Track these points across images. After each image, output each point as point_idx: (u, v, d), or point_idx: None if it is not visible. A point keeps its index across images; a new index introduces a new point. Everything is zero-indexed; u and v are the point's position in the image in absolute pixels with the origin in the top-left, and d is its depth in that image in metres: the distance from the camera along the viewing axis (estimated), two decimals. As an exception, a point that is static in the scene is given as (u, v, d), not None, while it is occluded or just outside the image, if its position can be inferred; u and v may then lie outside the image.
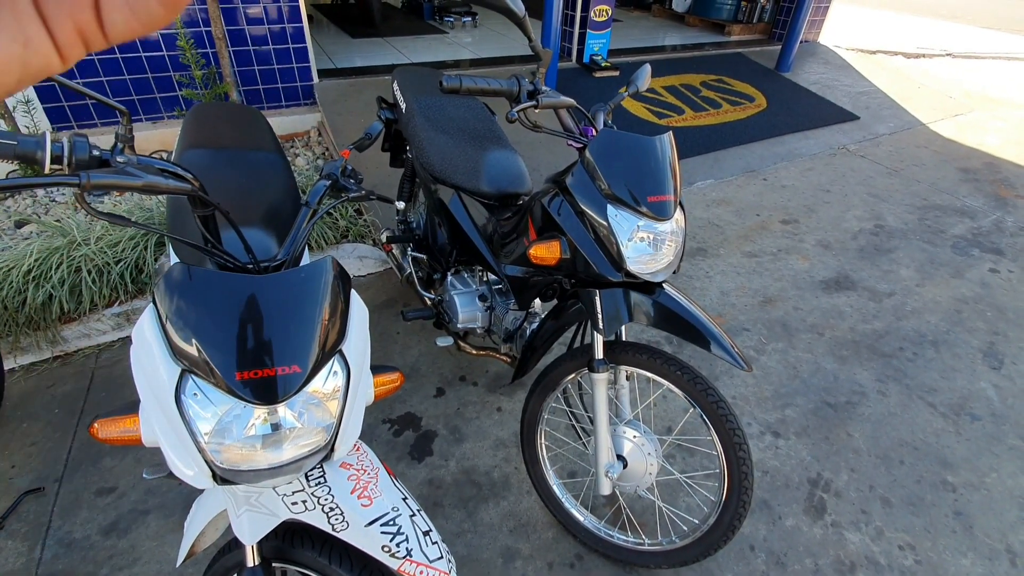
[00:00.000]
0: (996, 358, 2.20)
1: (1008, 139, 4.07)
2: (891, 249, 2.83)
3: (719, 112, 4.12)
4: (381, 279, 2.55)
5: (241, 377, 0.74)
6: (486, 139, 1.78)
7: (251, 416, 0.79)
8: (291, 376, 0.77)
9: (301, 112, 3.63)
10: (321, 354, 0.81)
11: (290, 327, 0.78)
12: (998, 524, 1.61)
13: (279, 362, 0.76)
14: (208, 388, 0.76)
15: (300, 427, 0.83)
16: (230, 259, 0.87)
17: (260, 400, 0.76)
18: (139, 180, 0.68)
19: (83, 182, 0.62)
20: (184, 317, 0.75)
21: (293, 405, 0.79)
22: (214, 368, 0.74)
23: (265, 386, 0.75)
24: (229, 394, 0.75)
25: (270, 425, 0.82)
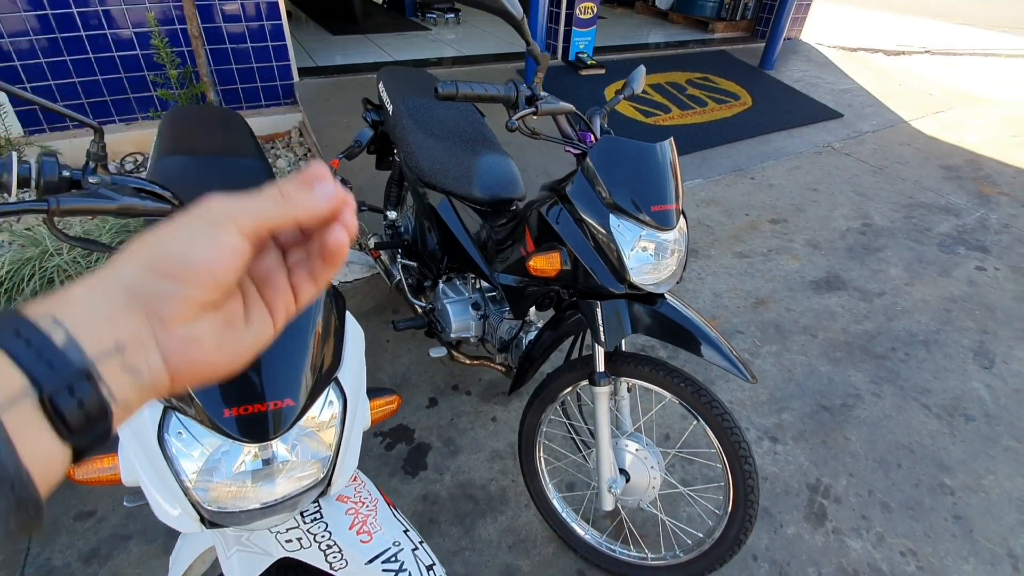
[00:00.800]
0: (987, 357, 2.21)
1: (988, 136, 4.13)
2: (879, 248, 2.85)
3: (705, 110, 4.12)
4: (368, 284, 2.48)
5: (230, 414, 0.68)
6: (477, 143, 1.73)
7: (240, 452, 0.73)
8: (284, 410, 0.71)
9: (281, 112, 3.53)
10: (315, 384, 0.75)
11: (281, 357, 0.72)
12: (998, 528, 1.62)
13: (270, 396, 0.71)
14: (193, 426, 0.70)
15: (294, 460, 0.77)
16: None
17: (251, 437, 0.70)
18: (113, 203, 0.61)
19: (52, 208, 0.56)
20: None
21: (287, 439, 0.74)
22: (200, 404, 0.68)
23: (256, 422, 0.70)
24: (217, 432, 0.70)
25: (261, 460, 0.76)
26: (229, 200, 0.30)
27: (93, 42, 2.86)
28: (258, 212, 0.29)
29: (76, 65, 2.88)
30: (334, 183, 0.31)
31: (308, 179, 0.31)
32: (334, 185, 0.31)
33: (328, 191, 0.31)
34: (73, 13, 2.77)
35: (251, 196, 0.30)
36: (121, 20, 2.88)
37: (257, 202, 0.29)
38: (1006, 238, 2.96)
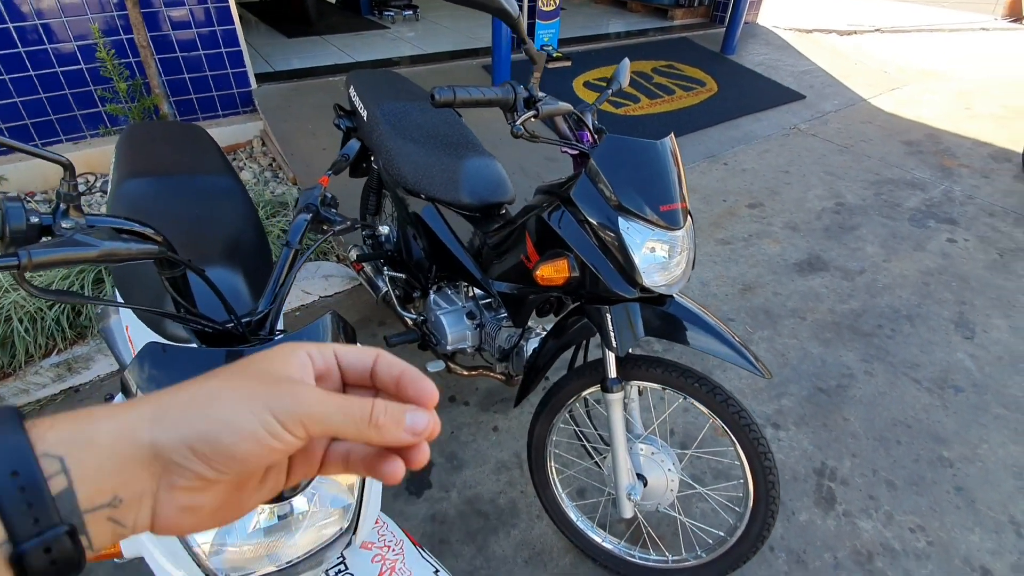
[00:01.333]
0: (968, 328, 2.28)
1: (942, 110, 4.27)
2: (855, 226, 2.90)
3: (673, 98, 4.13)
4: (351, 297, 2.39)
5: None
6: (460, 146, 1.66)
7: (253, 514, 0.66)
8: None
9: (241, 121, 3.37)
10: None
11: None
12: (998, 496, 1.66)
13: None
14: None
15: (313, 510, 0.71)
16: (209, 323, 0.73)
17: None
18: (92, 250, 0.53)
19: (23, 263, 0.47)
20: None
21: (311, 497, 0.67)
22: None
23: None
24: None
25: (277, 516, 0.69)
26: (308, 391, 0.27)
27: (33, 58, 2.66)
28: (334, 425, 0.27)
29: (16, 84, 2.67)
30: (428, 415, 0.30)
31: (407, 398, 0.30)
32: (428, 418, 0.30)
33: (420, 425, 0.29)
34: (9, 28, 2.56)
35: (335, 399, 0.27)
36: (62, 33, 2.69)
37: (339, 412, 0.27)
38: (971, 209, 3.06)
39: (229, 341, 0.77)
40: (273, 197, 2.78)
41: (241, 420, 0.25)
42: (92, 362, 1.98)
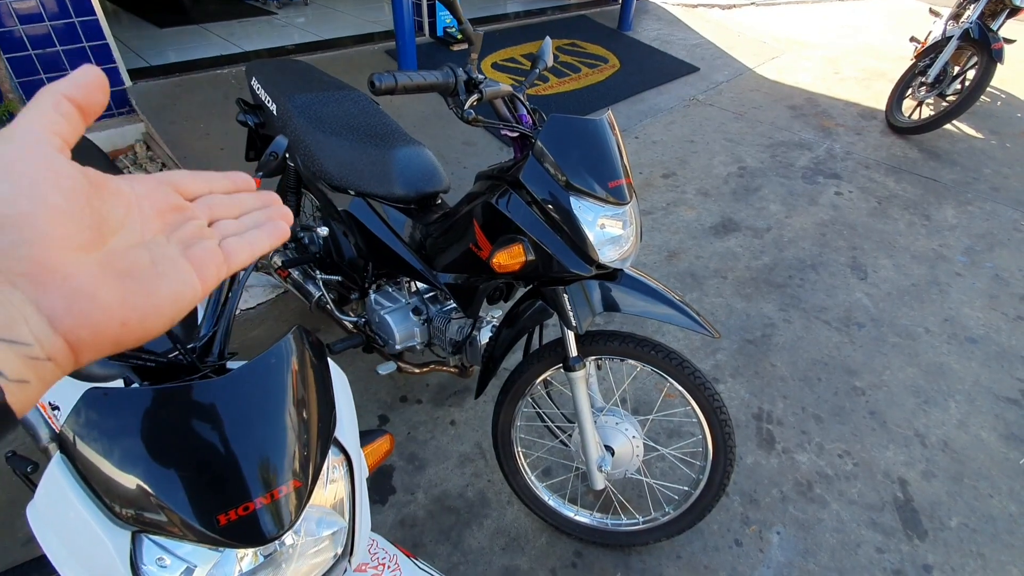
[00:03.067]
0: (861, 270, 2.55)
1: (816, 76, 4.69)
2: (757, 188, 3.13)
3: (580, 76, 4.20)
4: (276, 307, 2.23)
5: (226, 519, 0.55)
6: (385, 136, 1.58)
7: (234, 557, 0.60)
8: (287, 497, 0.59)
9: (117, 124, 3.00)
10: (315, 457, 0.63)
11: (269, 436, 0.59)
12: (903, 414, 1.88)
13: (271, 484, 0.58)
14: (177, 546, 0.56)
15: (302, 541, 0.66)
16: (150, 357, 0.64)
17: (255, 540, 0.57)
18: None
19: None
20: (119, 459, 0.53)
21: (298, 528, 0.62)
22: (180, 517, 0.54)
23: (259, 520, 0.57)
24: (210, 545, 0.56)
25: (261, 556, 0.63)
26: (55, 99, 0.26)
27: None
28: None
29: None
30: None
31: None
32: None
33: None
34: None
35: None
36: None
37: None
38: (851, 164, 3.41)
39: (174, 374, 0.69)
40: (171, 206, 2.52)
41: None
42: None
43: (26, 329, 0.22)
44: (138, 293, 0.25)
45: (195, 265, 0.28)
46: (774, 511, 1.59)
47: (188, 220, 0.30)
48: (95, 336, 0.24)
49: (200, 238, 0.29)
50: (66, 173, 0.24)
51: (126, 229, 0.26)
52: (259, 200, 0.34)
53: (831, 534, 1.54)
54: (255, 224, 0.32)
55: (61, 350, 0.23)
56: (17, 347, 0.22)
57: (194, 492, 0.55)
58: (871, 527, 1.56)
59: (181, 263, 0.27)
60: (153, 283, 0.26)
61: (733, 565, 1.47)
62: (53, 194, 0.23)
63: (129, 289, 0.25)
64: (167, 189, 0.30)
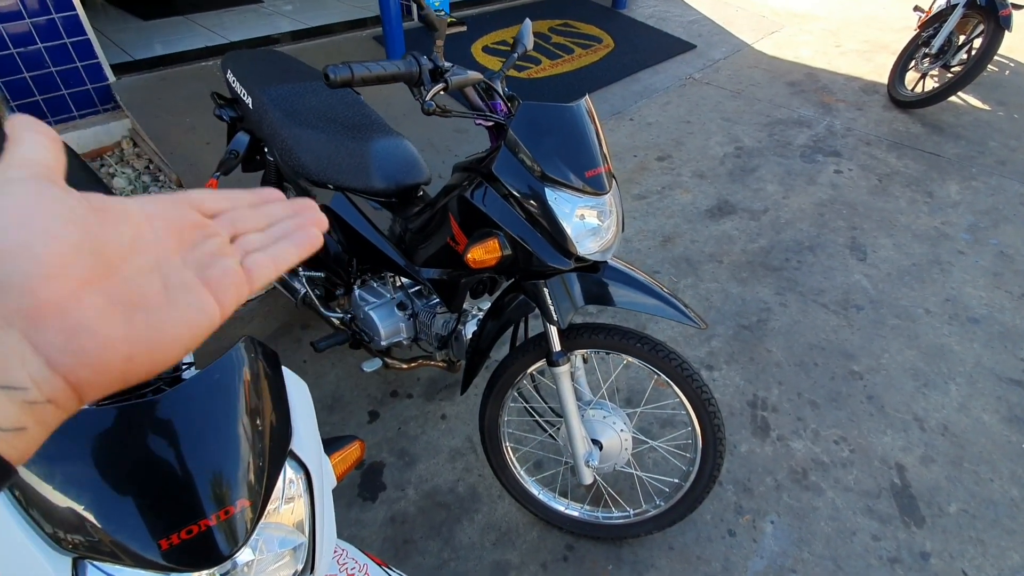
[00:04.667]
0: (860, 251, 2.49)
1: (817, 50, 4.57)
2: (754, 168, 3.06)
3: (573, 57, 4.11)
4: (264, 304, 2.21)
5: (168, 544, 0.53)
6: (364, 127, 1.54)
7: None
8: (237, 516, 0.57)
9: (102, 121, 2.96)
10: (269, 469, 0.61)
11: (220, 451, 0.57)
12: (902, 397, 1.85)
13: (217, 504, 0.55)
14: (120, 571, 0.53)
15: (260, 558, 0.64)
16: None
17: (204, 562, 0.55)
18: None
19: None
20: (58, 482, 0.51)
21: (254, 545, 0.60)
22: (120, 542, 0.52)
23: (204, 543, 0.55)
24: (154, 570, 0.54)
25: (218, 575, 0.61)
26: (31, 126, 0.25)
27: None
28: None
29: None
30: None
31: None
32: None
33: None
34: None
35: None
36: None
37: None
38: (851, 140, 3.33)
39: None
40: (157, 204, 2.49)
41: None
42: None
43: (22, 372, 0.20)
44: (146, 325, 0.23)
45: (213, 288, 0.26)
46: (768, 500, 1.57)
47: (208, 238, 0.28)
48: (98, 374, 0.22)
49: (220, 257, 0.27)
50: (61, 200, 0.23)
51: (136, 254, 0.24)
52: (289, 208, 0.32)
53: (826, 522, 1.52)
54: (282, 234, 0.30)
55: (62, 391, 0.22)
56: (12, 392, 0.20)
57: (137, 516, 0.53)
58: (867, 514, 1.54)
59: (196, 287, 0.26)
60: (164, 313, 0.24)
61: (726, 555, 1.46)
62: (49, 223, 0.21)
63: (136, 321, 0.23)
64: (184, 207, 0.28)
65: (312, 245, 0.30)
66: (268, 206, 0.31)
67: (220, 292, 0.26)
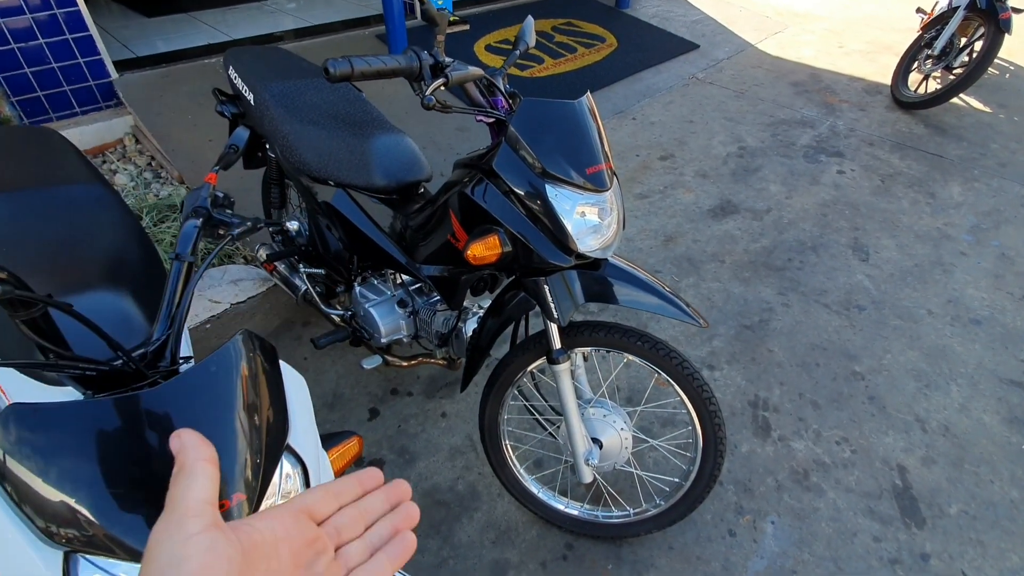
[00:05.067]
0: (863, 251, 2.48)
1: (820, 50, 4.56)
2: (757, 168, 3.06)
3: (576, 56, 4.11)
4: (267, 300, 2.21)
5: None
6: (366, 124, 1.54)
7: None
8: (234, 510, 0.56)
9: (105, 117, 2.97)
10: (266, 463, 0.61)
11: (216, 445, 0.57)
12: (903, 398, 1.84)
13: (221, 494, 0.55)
14: (114, 565, 0.53)
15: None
16: (90, 365, 0.61)
17: None
18: None
19: None
20: (51, 476, 0.51)
21: (247, 541, 0.59)
22: (117, 536, 0.52)
23: None
24: None
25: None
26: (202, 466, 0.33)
27: None
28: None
29: None
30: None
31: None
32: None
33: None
34: None
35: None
36: None
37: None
38: (854, 141, 3.32)
39: (123, 381, 0.66)
40: (158, 200, 2.49)
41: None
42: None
43: None
44: None
45: None
46: (769, 500, 1.57)
47: (319, 555, 0.31)
48: None
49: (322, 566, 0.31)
50: (227, 553, 0.27)
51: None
52: (387, 501, 0.36)
53: (827, 523, 1.52)
54: (381, 541, 0.34)
55: None
56: None
57: (129, 510, 0.52)
58: (868, 515, 1.53)
59: None
60: None
61: (726, 555, 1.45)
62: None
63: None
64: (303, 520, 0.31)
65: (406, 554, 0.34)
66: (369, 500, 0.35)
67: None
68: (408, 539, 0.34)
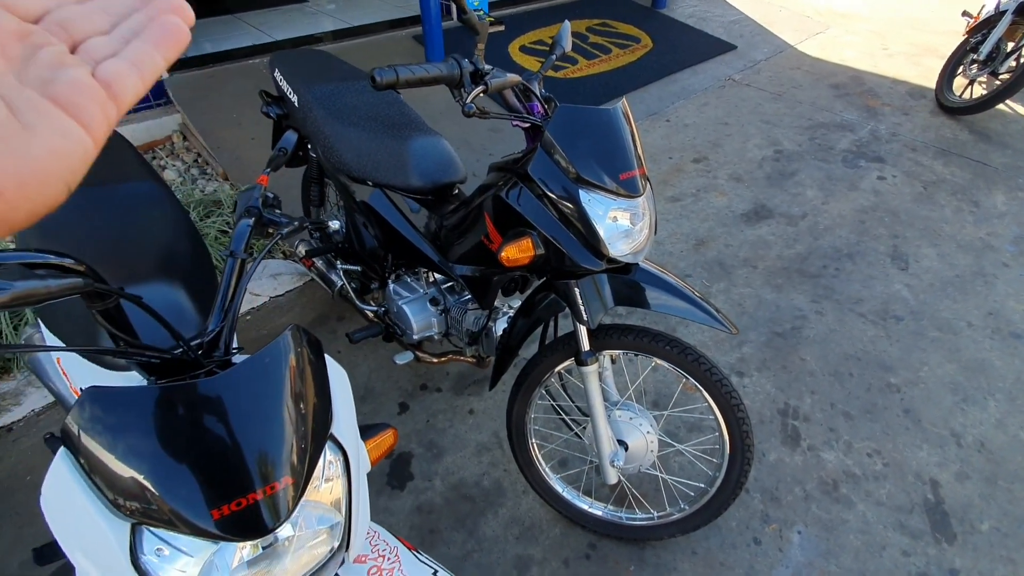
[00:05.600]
0: (902, 260, 2.42)
1: (863, 51, 4.44)
2: (793, 172, 3.00)
3: (610, 57, 4.10)
4: (303, 295, 2.29)
5: (220, 514, 0.57)
6: (403, 126, 1.58)
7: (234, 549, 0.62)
8: (282, 492, 0.61)
9: (155, 116, 3.10)
10: (312, 450, 0.65)
11: (267, 431, 0.61)
12: (939, 412, 1.79)
13: (263, 480, 0.59)
14: (175, 538, 0.58)
15: (300, 534, 0.67)
16: (154, 354, 0.67)
17: (249, 534, 0.59)
18: (3, 294, 0.46)
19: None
20: (120, 454, 0.56)
21: (295, 521, 0.64)
22: (178, 511, 0.56)
23: (252, 515, 0.59)
24: (206, 538, 0.58)
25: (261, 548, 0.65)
26: None
27: None
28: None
29: None
30: None
31: None
32: None
33: None
34: None
35: None
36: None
37: None
38: (896, 146, 3.23)
39: (181, 368, 0.71)
40: (204, 196, 2.60)
41: None
42: (23, 396, 1.82)
43: None
44: (7, 156, 0.20)
45: (67, 107, 0.22)
46: (796, 510, 1.55)
47: (37, 48, 0.22)
48: None
49: (62, 69, 0.22)
50: None
51: None
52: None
53: (855, 535, 1.49)
54: (133, 32, 0.25)
55: None
56: None
57: (191, 487, 0.57)
58: (898, 529, 1.50)
59: (48, 109, 0.21)
60: (22, 140, 0.20)
61: (750, 563, 1.45)
62: None
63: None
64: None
65: (177, 40, 0.25)
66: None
67: (80, 112, 0.22)
68: (173, 23, 0.25)
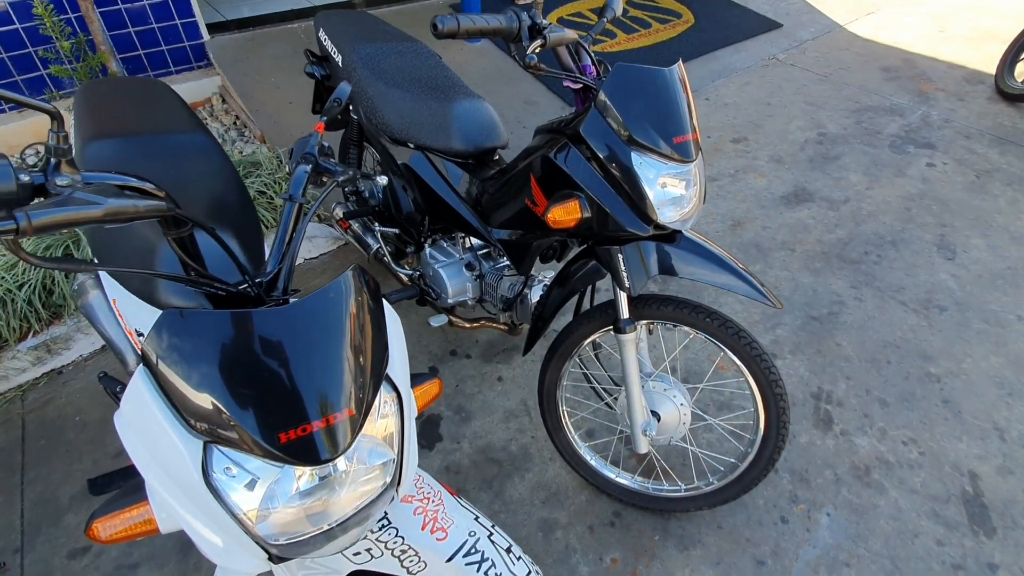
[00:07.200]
0: (949, 249, 2.34)
1: (918, 34, 4.23)
2: (837, 156, 2.91)
3: (650, 32, 3.99)
4: (337, 258, 2.32)
5: (286, 438, 0.59)
6: (447, 88, 1.57)
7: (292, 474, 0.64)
8: (342, 424, 0.62)
9: (196, 77, 3.14)
10: (371, 388, 0.66)
11: (329, 364, 0.62)
12: (982, 405, 1.75)
13: (326, 410, 0.61)
14: (243, 458, 0.60)
15: (356, 468, 0.69)
16: (222, 286, 0.68)
17: (311, 460, 0.61)
18: (97, 208, 0.48)
19: (22, 226, 0.42)
20: (194, 376, 0.58)
21: (351, 455, 0.65)
22: (247, 433, 0.58)
23: (315, 442, 0.61)
24: (272, 460, 0.60)
25: (318, 478, 0.67)
26: None
27: (-48, 14, 2.40)
28: None
29: (-64, 44, 2.42)
30: None
31: None
32: None
33: None
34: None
35: None
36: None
37: None
38: (948, 133, 3.09)
39: (243, 304, 0.73)
40: (243, 157, 2.64)
41: None
42: (72, 342, 1.89)
43: None
44: None
45: None
46: (826, 492, 1.54)
47: None
48: None
49: None
50: None
51: None
52: None
53: (887, 521, 1.48)
54: None
55: None
56: None
57: (259, 411, 0.59)
58: (932, 518, 1.48)
59: None
60: None
61: (777, 541, 1.44)
62: None
63: None
64: None
65: None
66: None
67: None
68: None
